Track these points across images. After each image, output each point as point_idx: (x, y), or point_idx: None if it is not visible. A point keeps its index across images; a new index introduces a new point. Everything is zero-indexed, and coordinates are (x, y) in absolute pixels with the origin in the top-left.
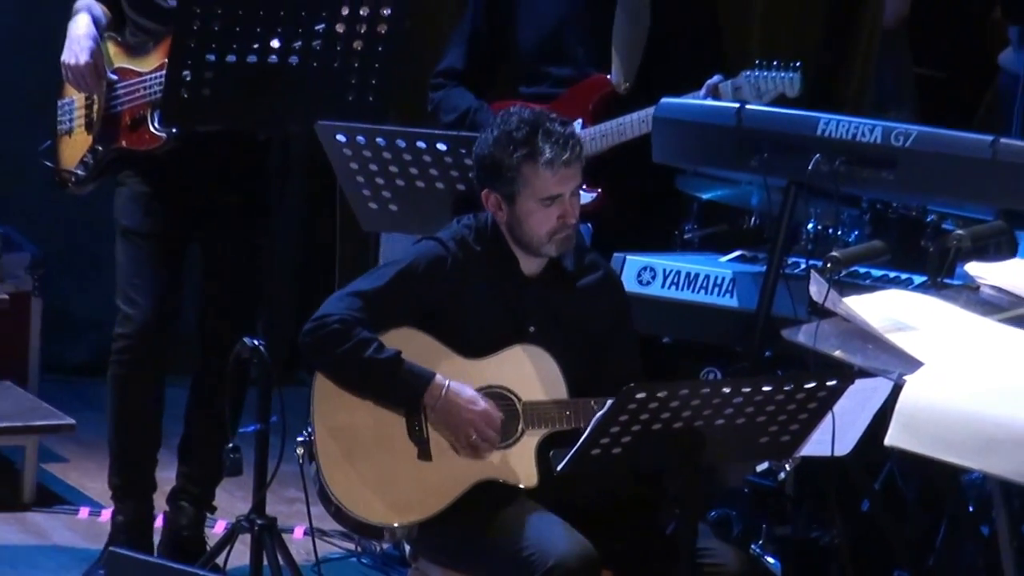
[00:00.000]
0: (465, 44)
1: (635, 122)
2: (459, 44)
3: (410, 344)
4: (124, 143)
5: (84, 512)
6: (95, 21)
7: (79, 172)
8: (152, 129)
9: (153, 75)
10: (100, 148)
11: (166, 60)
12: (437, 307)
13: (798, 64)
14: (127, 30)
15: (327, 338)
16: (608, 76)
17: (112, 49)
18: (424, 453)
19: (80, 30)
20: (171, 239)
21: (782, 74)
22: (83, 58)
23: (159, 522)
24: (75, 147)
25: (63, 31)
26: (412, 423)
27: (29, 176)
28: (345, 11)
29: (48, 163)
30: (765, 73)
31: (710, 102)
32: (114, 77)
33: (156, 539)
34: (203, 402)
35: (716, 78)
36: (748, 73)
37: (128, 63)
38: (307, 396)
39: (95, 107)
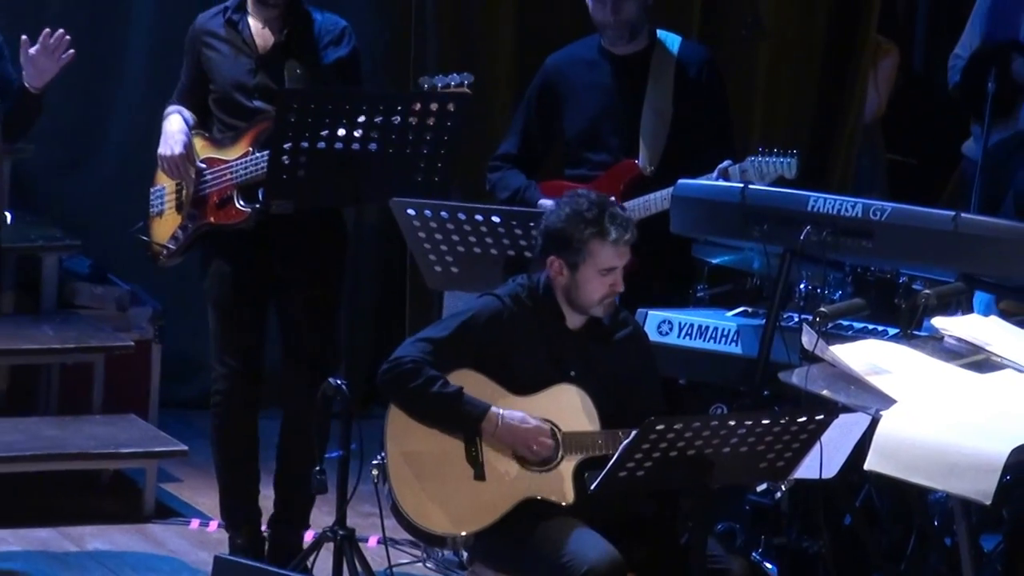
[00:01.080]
0: (519, 133)
1: (658, 199)
2: (514, 133)
3: (469, 383)
4: (212, 219)
5: (195, 524)
6: (184, 121)
7: (170, 246)
8: (238, 206)
9: (238, 161)
10: (190, 225)
11: (250, 148)
12: (493, 351)
13: (795, 151)
14: (214, 127)
15: (401, 376)
16: (636, 161)
17: (199, 143)
18: (479, 475)
19: (174, 126)
20: (252, 308)
21: (782, 159)
22: (177, 150)
23: None
24: (166, 226)
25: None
26: (469, 449)
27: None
28: (417, 107)
29: (143, 238)
30: (767, 159)
31: (720, 183)
32: (202, 166)
33: None
34: (292, 440)
35: (726, 163)
36: (753, 159)
37: (214, 153)
38: (381, 428)
39: (184, 192)
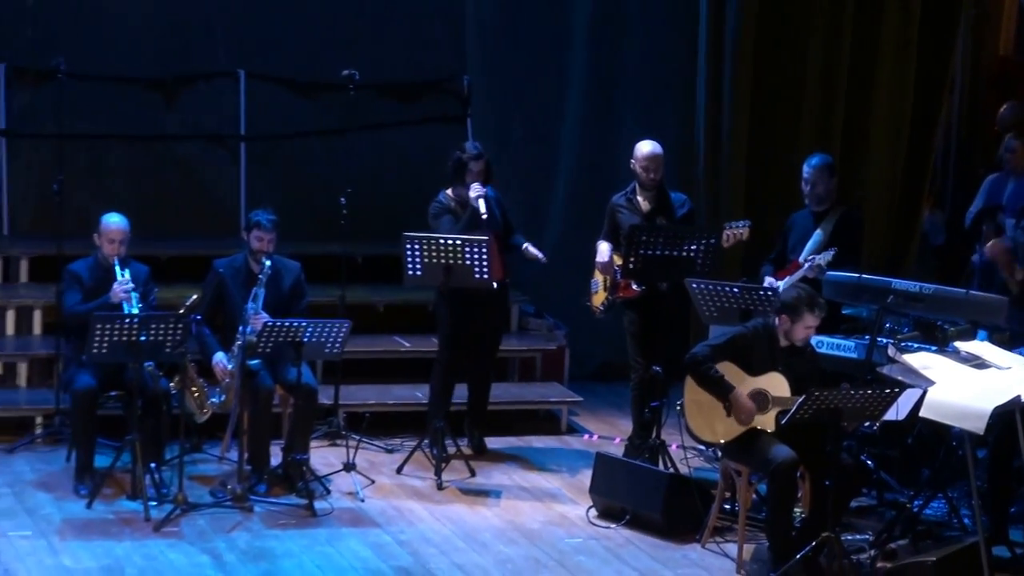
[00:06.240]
0: (778, 249)
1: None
2: (773, 252)
3: (728, 368)
4: (621, 294)
5: (586, 437)
6: (610, 247)
7: (601, 308)
8: (633, 287)
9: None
10: (610, 298)
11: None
12: (741, 353)
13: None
14: (622, 249)
15: (694, 363)
16: (799, 260)
17: (615, 256)
18: (728, 413)
19: (604, 248)
20: (649, 335)
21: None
22: (606, 260)
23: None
24: (599, 298)
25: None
26: (724, 401)
27: (572, 305)
28: (696, 236)
29: (587, 304)
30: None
31: (844, 274)
32: (616, 269)
33: None
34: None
35: (822, 256)
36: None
37: (619, 262)
38: (681, 388)
39: (607, 280)
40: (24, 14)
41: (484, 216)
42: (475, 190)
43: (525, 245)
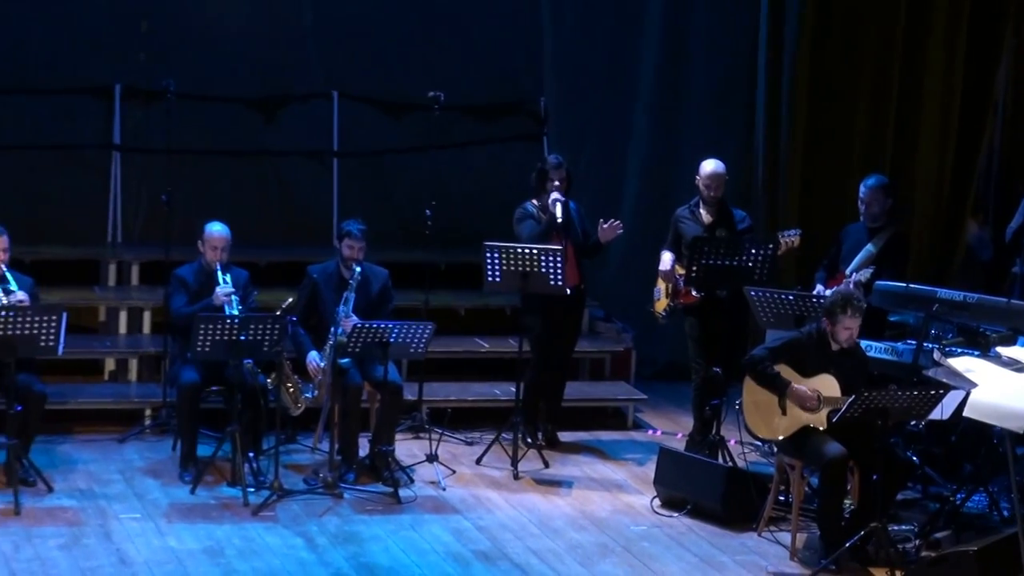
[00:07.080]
0: (831, 256)
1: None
2: (826, 259)
3: (782, 370)
4: (682, 301)
5: (650, 432)
6: (672, 256)
7: (663, 314)
8: (693, 294)
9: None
10: (672, 304)
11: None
12: (795, 356)
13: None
14: (683, 259)
15: (753, 363)
16: (845, 271)
17: (677, 266)
18: (783, 412)
19: (666, 257)
20: (708, 338)
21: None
22: (667, 268)
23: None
24: (661, 305)
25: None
26: (780, 400)
27: (638, 310)
28: (753, 246)
29: (651, 310)
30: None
31: (893, 283)
32: (678, 277)
33: None
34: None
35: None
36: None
37: (682, 270)
38: (740, 389)
39: (669, 287)
40: (137, 39)
41: (559, 220)
42: (554, 195)
43: (600, 228)
